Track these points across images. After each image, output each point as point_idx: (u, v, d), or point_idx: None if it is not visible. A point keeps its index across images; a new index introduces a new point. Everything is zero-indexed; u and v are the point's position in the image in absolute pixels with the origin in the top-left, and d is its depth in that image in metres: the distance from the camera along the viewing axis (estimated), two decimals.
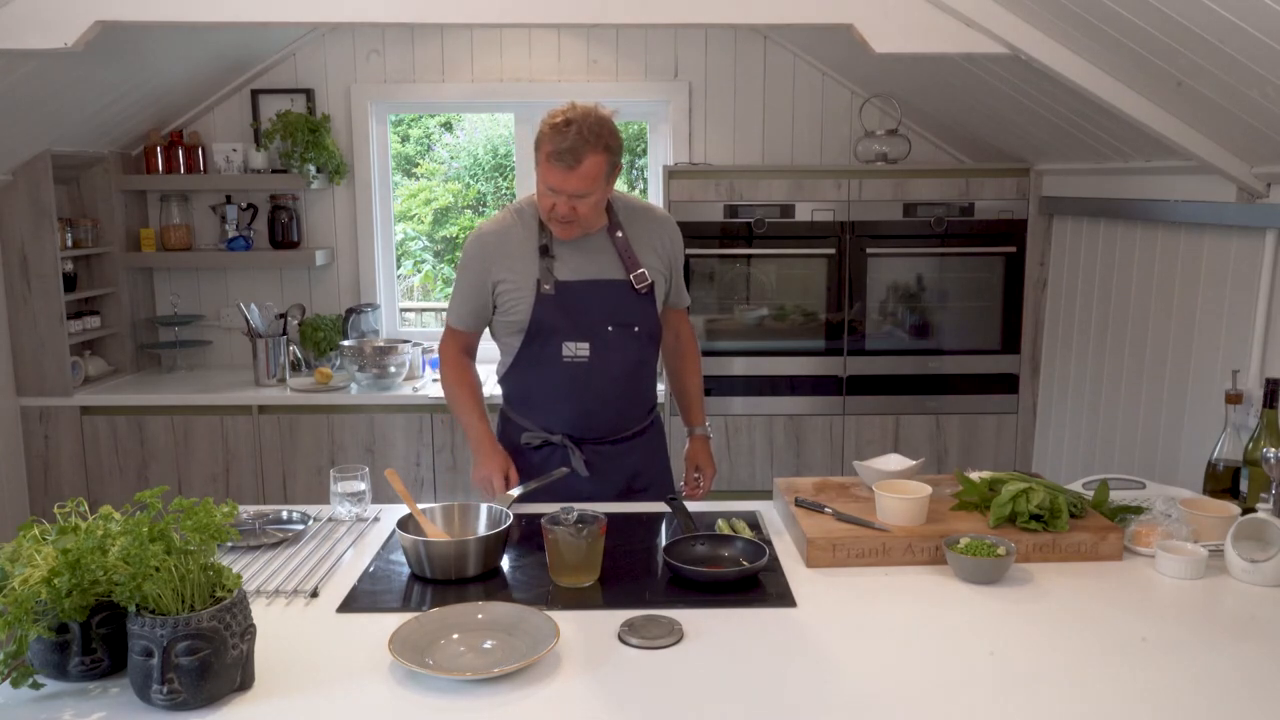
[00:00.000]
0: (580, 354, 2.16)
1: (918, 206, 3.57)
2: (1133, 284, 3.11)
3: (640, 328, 2.20)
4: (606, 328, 2.16)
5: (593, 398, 2.19)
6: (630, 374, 2.22)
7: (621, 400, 2.24)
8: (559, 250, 2.16)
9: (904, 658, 1.44)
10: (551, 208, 2.06)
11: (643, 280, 2.18)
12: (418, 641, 1.42)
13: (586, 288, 2.15)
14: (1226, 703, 1.31)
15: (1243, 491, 2.01)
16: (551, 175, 2.02)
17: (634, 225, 2.22)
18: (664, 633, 1.47)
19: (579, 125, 1.99)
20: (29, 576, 1.26)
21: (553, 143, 2.00)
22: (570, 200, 2.04)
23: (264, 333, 3.75)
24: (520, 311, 2.16)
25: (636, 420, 2.29)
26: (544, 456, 2.24)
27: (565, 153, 1.99)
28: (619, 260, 2.19)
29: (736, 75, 3.99)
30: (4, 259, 3.48)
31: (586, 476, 2.20)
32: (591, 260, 2.17)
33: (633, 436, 2.28)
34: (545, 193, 2.06)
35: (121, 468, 3.61)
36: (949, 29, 2.41)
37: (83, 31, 2.37)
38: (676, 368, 2.47)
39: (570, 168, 1.99)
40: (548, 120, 2.04)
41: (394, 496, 1.91)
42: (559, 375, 2.17)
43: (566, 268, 2.15)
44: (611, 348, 2.17)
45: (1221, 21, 1.89)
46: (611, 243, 2.19)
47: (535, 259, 2.15)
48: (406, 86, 4.00)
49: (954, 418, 3.71)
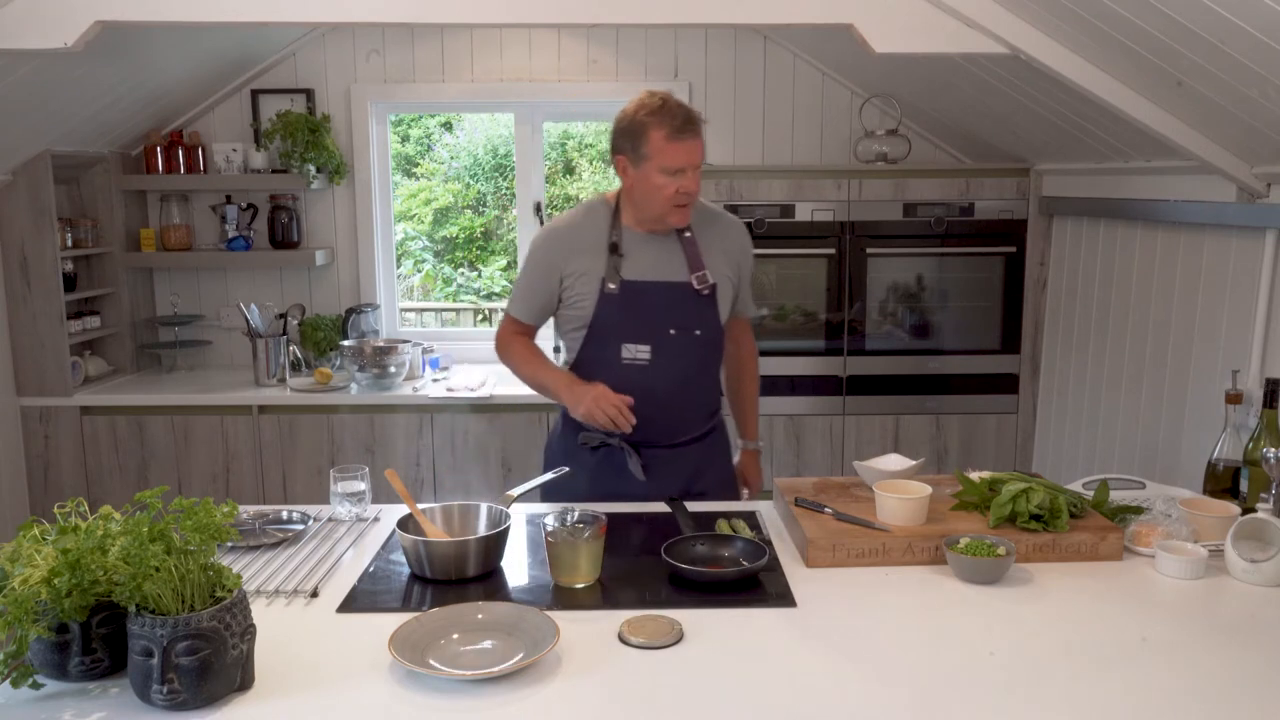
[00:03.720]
0: (640, 357, 2.14)
1: (918, 206, 3.57)
2: (1133, 284, 3.11)
3: (701, 332, 2.17)
4: (668, 331, 2.14)
5: (651, 401, 2.14)
6: (689, 379, 2.19)
7: (680, 405, 2.21)
8: (629, 248, 2.14)
9: (904, 658, 1.44)
10: (676, 190, 2.05)
11: (704, 281, 2.16)
12: (418, 641, 1.42)
13: (650, 289, 2.13)
14: (1226, 703, 1.31)
15: (1243, 491, 2.01)
16: (679, 151, 2.03)
17: (704, 228, 2.20)
18: (664, 633, 1.47)
19: (676, 101, 2.06)
20: (29, 576, 1.25)
21: (667, 121, 2.02)
22: (695, 173, 2.06)
23: (264, 333, 3.75)
24: (584, 308, 2.14)
25: (696, 425, 2.26)
26: (601, 458, 2.20)
27: (687, 124, 2.02)
28: (685, 262, 2.16)
29: (736, 75, 3.99)
30: (4, 259, 3.48)
31: (643, 481, 2.16)
32: (659, 261, 2.15)
33: (691, 441, 2.25)
34: (668, 178, 2.05)
35: (121, 468, 3.61)
36: (949, 29, 2.41)
37: (83, 31, 2.36)
38: (734, 378, 2.43)
39: (697, 135, 2.04)
40: (642, 109, 2.05)
41: (394, 496, 1.91)
42: (618, 377, 2.13)
43: (634, 267, 2.13)
44: (672, 352, 2.15)
45: (1221, 21, 1.89)
46: (680, 244, 2.17)
47: (604, 256, 2.14)
48: (406, 86, 4.00)
49: (954, 418, 3.71)
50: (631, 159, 2.08)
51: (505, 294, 5.77)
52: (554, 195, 5.50)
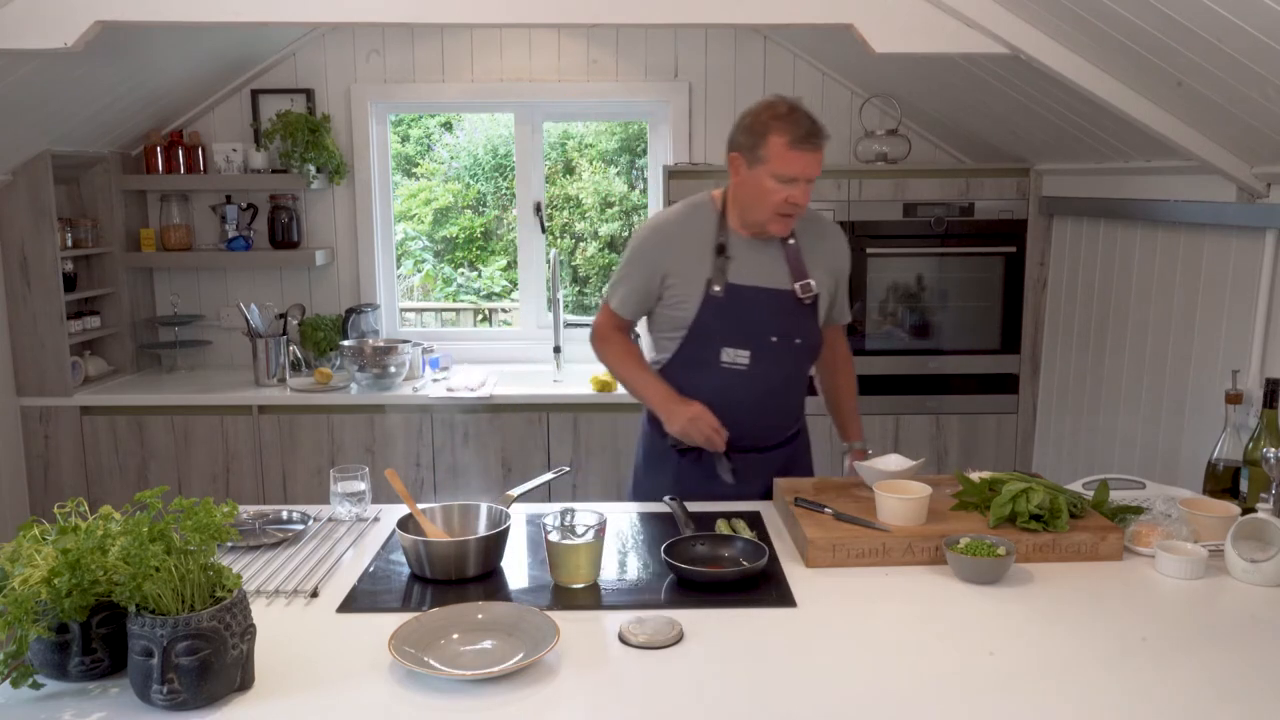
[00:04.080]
0: (739, 362, 2.12)
1: (918, 206, 3.57)
2: (1133, 284, 3.11)
3: (802, 340, 2.16)
4: (770, 338, 2.12)
5: (745, 406, 2.13)
6: (784, 386, 2.18)
7: (773, 411, 2.20)
8: (735, 251, 2.12)
9: (904, 658, 1.44)
10: (784, 199, 2.02)
11: (808, 290, 2.14)
12: (418, 641, 1.42)
13: (754, 294, 2.11)
14: (1227, 703, 1.31)
15: (1243, 491, 2.01)
16: (797, 161, 2.00)
17: (806, 235, 2.18)
18: (664, 633, 1.47)
19: (805, 111, 2.02)
20: (29, 576, 1.26)
21: (790, 129, 1.99)
22: (808, 187, 2.03)
23: (264, 333, 3.75)
24: (686, 309, 2.12)
25: (784, 430, 2.25)
26: (690, 461, 2.19)
27: (811, 135, 1.99)
28: (788, 269, 2.15)
29: (736, 75, 3.99)
30: (4, 259, 3.48)
31: (732, 484, 2.15)
32: (764, 267, 2.13)
33: (777, 446, 2.24)
34: (779, 185, 2.02)
35: (121, 468, 3.61)
36: (949, 29, 2.41)
37: (83, 31, 2.37)
38: (832, 384, 2.41)
39: (819, 149, 2.01)
40: (768, 111, 2.02)
41: (394, 496, 1.91)
42: (715, 381, 2.12)
43: (739, 271, 2.11)
44: (771, 359, 2.13)
45: (1221, 21, 1.89)
46: (784, 251, 2.15)
47: (710, 258, 2.11)
48: (406, 86, 4.00)
49: (954, 418, 3.71)
50: (747, 159, 2.06)
51: (505, 294, 5.76)
52: (554, 195, 5.50)
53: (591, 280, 5.65)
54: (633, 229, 5.12)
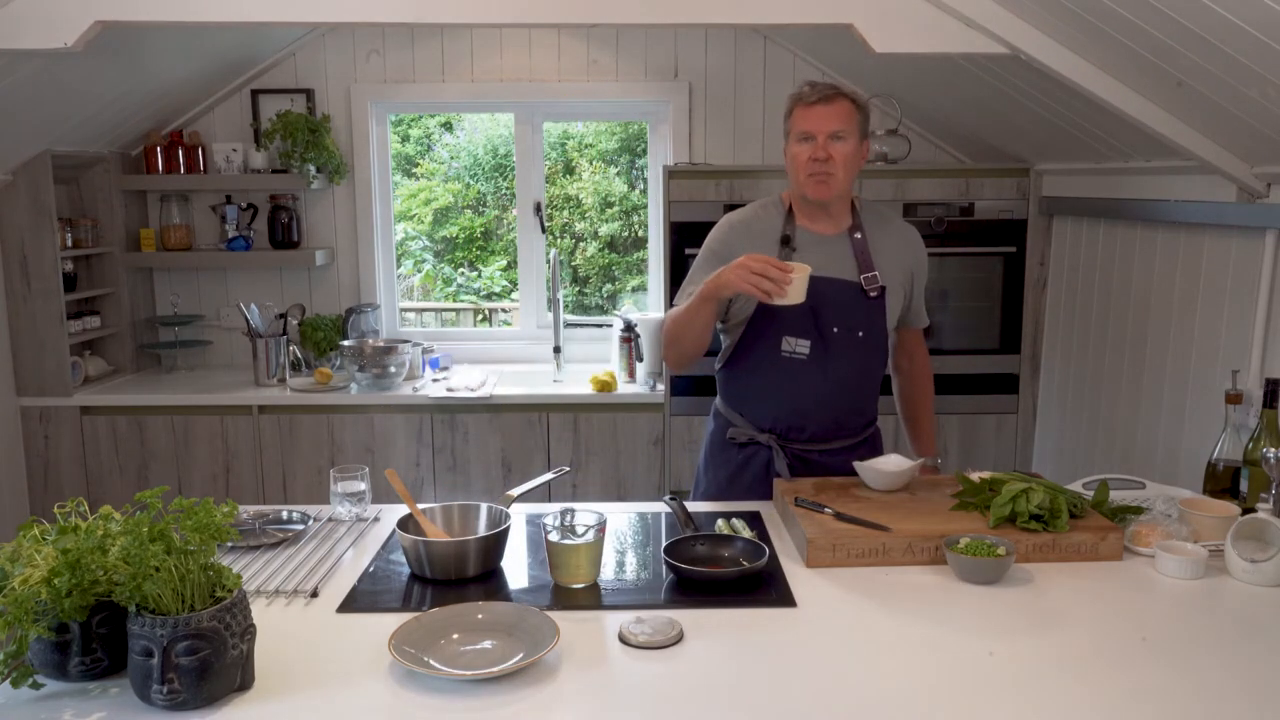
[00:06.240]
0: (799, 351, 2.12)
1: (918, 206, 3.57)
2: (1133, 284, 3.11)
3: (865, 334, 2.14)
4: (831, 328, 2.12)
5: (806, 398, 2.13)
6: (849, 380, 2.16)
7: (837, 406, 2.18)
8: (800, 243, 2.14)
9: (904, 658, 1.44)
10: (809, 159, 2.06)
11: (873, 283, 2.13)
12: (418, 641, 1.42)
13: (817, 283, 2.07)
14: (1226, 703, 1.31)
15: (1243, 491, 2.01)
16: (808, 116, 2.06)
17: (876, 229, 2.19)
18: (664, 633, 1.47)
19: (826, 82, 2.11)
20: (29, 576, 1.26)
21: (806, 94, 2.07)
22: (827, 142, 2.04)
23: (264, 333, 3.75)
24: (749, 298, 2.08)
25: (850, 432, 2.22)
26: (748, 455, 2.19)
27: (816, 91, 2.05)
28: (854, 262, 2.15)
29: (736, 75, 3.99)
30: (4, 259, 3.48)
31: (789, 480, 2.12)
32: (829, 258, 2.13)
33: (843, 449, 2.21)
34: (801, 145, 2.08)
35: (121, 468, 3.61)
36: (949, 29, 2.41)
37: (83, 31, 2.37)
38: (908, 393, 2.40)
39: (830, 102, 2.04)
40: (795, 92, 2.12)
41: (394, 496, 1.91)
42: (774, 370, 2.13)
43: (803, 261, 2.09)
44: (833, 350, 2.12)
45: (1221, 21, 1.89)
46: (850, 243, 2.16)
47: (775, 249, 2.13)
48: (406, 86, 4.00)
49: (954, 418, 3.71)
50: (785, 140, 2.14)
51: (505, 294, 5.76)
52: (554, 195, 5.49)
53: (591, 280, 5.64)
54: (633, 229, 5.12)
